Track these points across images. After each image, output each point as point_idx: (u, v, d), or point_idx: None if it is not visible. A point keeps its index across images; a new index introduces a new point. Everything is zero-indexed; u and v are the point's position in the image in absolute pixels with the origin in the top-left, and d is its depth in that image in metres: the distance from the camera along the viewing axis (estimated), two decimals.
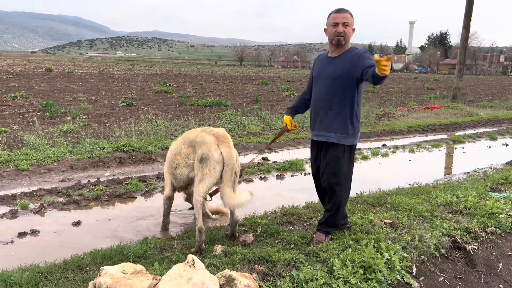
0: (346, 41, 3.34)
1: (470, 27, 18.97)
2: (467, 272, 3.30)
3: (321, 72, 3.46)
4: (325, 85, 3.40)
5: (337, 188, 3.42)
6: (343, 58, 3.35)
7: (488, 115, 14.94)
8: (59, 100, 14.50)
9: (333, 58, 3.41)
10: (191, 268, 2.41)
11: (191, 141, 3.59)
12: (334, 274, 2.81)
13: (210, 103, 14.79)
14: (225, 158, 3.38)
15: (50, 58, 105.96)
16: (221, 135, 3.50)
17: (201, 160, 3.41)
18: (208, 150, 3.38)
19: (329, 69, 3.38)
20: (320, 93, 3.46)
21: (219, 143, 3.42)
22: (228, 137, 3.53)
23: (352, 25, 3.34)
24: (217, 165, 3.37)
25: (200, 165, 3.41)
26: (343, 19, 3.29)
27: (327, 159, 3.42)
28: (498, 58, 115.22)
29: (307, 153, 7.88)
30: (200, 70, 53.64)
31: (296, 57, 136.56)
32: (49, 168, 6.10)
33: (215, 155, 3.37)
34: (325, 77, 3.40)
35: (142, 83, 26.36)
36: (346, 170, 3.43)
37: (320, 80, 3.47)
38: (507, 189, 5.17)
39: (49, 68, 38.09)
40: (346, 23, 3.29)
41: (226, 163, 3.37)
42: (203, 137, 3.46)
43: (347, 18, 3.30)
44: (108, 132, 8.79)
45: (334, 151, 3.38)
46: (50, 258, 3.30)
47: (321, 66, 3.49)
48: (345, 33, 3.29)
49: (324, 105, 3.41)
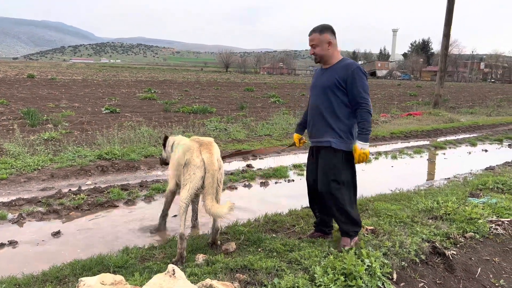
0: (322, 58, 3.50)
1: (450, 35, 19.40)
2: (447, 277, 3.35)
3: (315, 83, 3.64)
4: (318, 95, 3.56)
5: (337, 193, 3.43)
6: (334, 69, 3.48)
7: (469, 122, 15.24)
8: (41, 107, 14.28)
9: (325, 70, 3.56)
10: (172, 278, 2.39)
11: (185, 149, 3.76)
12: (316, 281, 2.82)
13: (195, 110, 14.76)
14: (206, 164, 3.40)
15: (33, 64, 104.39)
16: (205, 142, 3.55)
17: (184, 165, 3.48)
18: (190, 156, 3.45)
19: (321, 80, 3.54)
20: (313, 102, 3.62)
21: (202, 149, 3.46)
22: (212, 144, 3.55)
23: (322, 42, 3.45)
24: (197, 170, 3.40)
25: (183, 170, 3.49)
26: (310, 41, 3.49)
27: (323, 165, 3.49)
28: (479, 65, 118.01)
29: (291, 160, 7.93)
30: (185, 77, 53.53)
31: (281, 63, 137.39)
32: (29, 177, 5.99)
33: (196, 160, 3.42)
34: (318, 87, 3.56)
35: (126, 89, 26.16)
36: (344, 175, 3.45)
37: (314, 90, 3.64)
38: (485, 194, 5.27)
39: (31, 74, 37.51)
40: (313, 45, 3.47)
41: (207, 168, 3.39)
42: (189, 145, 3.56)
43: (313, 39, 3.47)
44: (91, 140, 8.69)
45: (332, 155, 3.44)
46: (28, 269, 3.24)
47: (316, 78, 3.67)
48: (316, 53, 3.49)
49: (318, 112, 3.54)
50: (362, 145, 3.29)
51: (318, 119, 3.54)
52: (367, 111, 3.32)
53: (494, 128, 14.21)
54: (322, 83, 3.52)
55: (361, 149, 3.28)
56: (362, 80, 3.38)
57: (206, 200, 3.33)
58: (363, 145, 3.29)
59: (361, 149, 3.28)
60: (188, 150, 3.48)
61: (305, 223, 4.27)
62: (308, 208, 4.86)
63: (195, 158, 3.43)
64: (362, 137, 3.31)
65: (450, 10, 18.61)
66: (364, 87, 3.37)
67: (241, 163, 7.62)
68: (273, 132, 10.76)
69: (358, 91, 3.33)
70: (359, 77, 3.36)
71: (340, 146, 3.41)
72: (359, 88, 3.33)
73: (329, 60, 3.51)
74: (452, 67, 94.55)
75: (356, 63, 3.50)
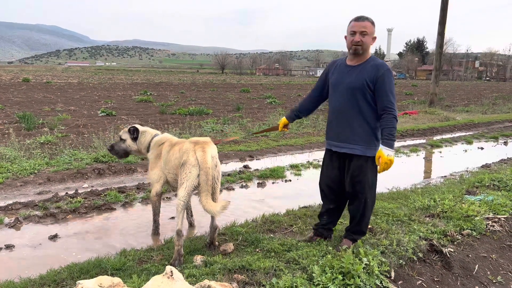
0: (364, 50, 3.26)
1: (444, 34, 19.47)
2: (444, 275, 3.36)
3: (339, 81, 3.35)
4: (343, 96, 3.31)
5: (361, 196, 3.38)
6: (363, 68, 3.25)
7: (464, 120, 15.31)
8: (37, 111, 14.23)
9: (352, 67, 3.31)
10: (170, 279, 2.39)
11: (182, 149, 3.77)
12: (314, 281, 2.82)
13: (191, 112, 14.75)
14: (200, 161, 3.46)
15: (28, 68, 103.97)
16: (201, 141, 3.61)
17: (182, 165, 3.55)
18: (187, 156, 3.52)
19: (348, 79, 3.28)
20: (338, 104, 3.37)
21: (196, 148, 3.52)
22: (207, 143, 3.60)
23: (372, 34, 3.24)
24: (192, 168, 3.46)
25: (180, 170, 3.55)
26: (361, 27, 3.19)
27: (351, 169, 3.36)
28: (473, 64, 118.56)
29: (288, 160, 7.94)
30: (181, 79, 53.48)
31: (277, 64, 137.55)
32: (25, 181, 5.97)
33: (191, 159, 3.49)
34: (344, 87, 3.30)
35: (122, 92, 26.11)
36: (370, 179, 3.37)
37: (338, 90, 3.36)
38: (482, 192, 5.30)
39: (26, 78, 37.34)
40: (364, 32, 3.19)
41: (201, 166, 3.45)
42: (186, 146, 3.62)
43: (366, 26, 3.19)
44: (87, 143, 8.67)
45: (358, 161, 3.32)
46: (25, 273, 3.23)
47: (340, 75, 3.37)
48: (363, 42, 3.21)
49: (343, 116, 3.33)
50: (388, 151, 3.06)
51: (343, 123, 3.33)
52: (394, 117, 3.14)
53: (489, 126, 14.28)
54: (350, 83, 3.26)
55: (388, 155, 3.04)
56: (392, 83, 3.21)
57: (201, 197, 3.39)
58: (389, 151, 3.07)
59: (387, 155, 3.04)
60: (185, 151, 3.55)
61: (303, 223, 4.27)
62: (305, 208, 4.88)
63: (190, 157, 3.50)
64: (388, 143, 3.10)
65: (444, 9, 18.70)
66: (393, 91, 3.19)
67: (238, 164, 7.62)
68: (270, 133, 10.77)
69: (387, 95, 3.16)
70: (389, 80, 3.19)
71: (367, 152, 3.29)
72: (388, 92, 3.16)
73: (364, 55, 3.28)
74: (447, 66, 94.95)
75: (386, 65, 3.28)
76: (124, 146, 4.33)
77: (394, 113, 3.15)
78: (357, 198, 3.41)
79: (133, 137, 4.29)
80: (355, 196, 3.42)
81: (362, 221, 3.51)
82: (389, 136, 3.11)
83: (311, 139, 9.92)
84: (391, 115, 3.14)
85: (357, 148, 3.30)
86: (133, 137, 4.29)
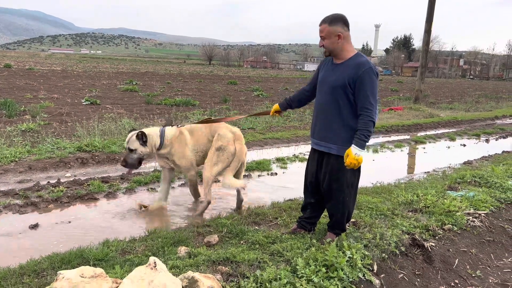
0: (333, 51, 3.23)
1: (431, 32, 19.67)
2: (425, 269, 3.42)
3: (324, 78, 3.33)
4: (326, 93, 3.29)
5: (339, 194, 3.35)
6: (346, 66, 3.20)
7: (448, 117, 15.54)
8: (18, 98, 13.89)
9: (336, 65, 3.28)
10: (153, 270, 2.37)
11: (212, 130, 4.55)
12: (298, 273, 2.83)
13: (178, 102, 14.62)
14: (237, 152, 4.42)
15: (10, 54, 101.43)
16: (238, 134, 4.54)
17: (219, 149, 4.37)
18: (227, 144, 4.38)
19: (331, 77, 3.26)
20: (320, 101, 3.36)
21: (235, 139, 4.45)
22: (242, 137, 4.59)
23: (332, 35, 3.17)
24: (231, 156, 4.39)
25: (217, 152, 4.37)
26: (320, 32, 3.21)
27: (330, 167, 3.33)
28: (458, 62, 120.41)
29: (274, 153, 7.95)
30: (168, 69, 52.93)
31: (265, 57, 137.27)
32: (5, 169, 5.84)
33: (231, 149, 4.39)
34: (327, 85, 3.28)
35: (107, 81, 25.71)
36: (349, 178, 3.33)
37: (322, 87, 3.35)
38: (463, 188, 5.39)
39: (8, 64, 36.40)
40: (322, 37, 3.21)
41: (237, 155, 4.42)
42: (225, 133, 4.45)
43: (321, 31, 3.20)
44: (70, 132, 8.52)
45: (337, 160, 3.27)
46: (4, 263, 3.15)
47: (326, 72, 3.35)
48: (325, 46, 3.21)
49: (323, 114, 3.32)
50: (357, 151, 3.04)
51: (323, 121, 3.33)
52: (370, 120, 3.08)
53: (472, 124, 14.53)
54: (332, 82, 3.23)
55: (355, 154, 3.03)
56: (373, 84, 3.11)
57: (226, 174, 4.36)
58: (358, 151, 3.04)
59: (355, 154, 3.03)
60: (226, 139, 4.40)
61: (288, 215, 4.28)
62: (290, 201, 4.90)
63: (230, 147, 4.39)
64: (359, 143, 3.06)
65: (432, 6, 18.85)
66: (374, 92, 3.11)
67: None
68: (257, 125, 10.75)
69: (366, 95, 3.08)
70: (370, 80, 3.10)
71: (342, 152, 3.19)
72: (368, 92, 3.08)
73: (340, 54, 3.23)
74: (432, 63, 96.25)
75: (369, 63, 3.18)
76: (137, 155, 4.41)
77: (371, 115, 3.09)
78: (334, 196, 3.38)
79: (143, 142, 4.37)
80: (330, 194, 3.39)
81: (341, 220, 3.50)
82: (361, 136, 3.08)
83: (297, 133, 9.94)
84: (368, 117, 3.08)
85: (333, 147, 3.28)
86: (143, 142, 4.37)
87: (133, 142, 4.34)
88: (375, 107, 3.13)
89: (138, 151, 4.37)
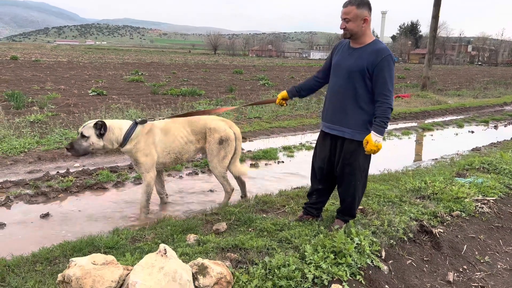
0: (355, 34, 3.16)
1: (439, 17, 19.37)
2: (433, 255, 3.43)
3: (341, 62, 3.28)
4: (342, 77, 3.25)
5: (351, 178, 3.35)
6: (363, 52, 3.17)
7: (456, 104, 15.40)
8: (26, 90, 13.99)
9: (354, 49, 3.23)
10: (163, 257, 2.40)
11: (199, 128, 4.33)
12: (306, 259, 2.85)
13: (184, 92, 14.61)
14: (237, 135, 4.46)
15: (16, 46, 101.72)
16: (227, 120, 4.52)
17: (221, 141, 4.32)
18: (225, 133, 4.33)
19: (348, 61, 3.22)
20: (336, 85, 3.31)
21: (229, 125, 4.43)
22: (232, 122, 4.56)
23: (360, 17, 3.09)
24: (233, 142, 4.40)
25: (220, 146, 4.32)
26: (343, 14, 3.14)
27: (343, 152, 3.32)
28: (466, 48, 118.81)
29: (281, 142, 7.95)
30: (173, 59, 52.82)
31: (270, 46, 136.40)
32: (15, 160, 5.90)
33: (231, 136, 4.38)
34: (344, 69, 3.24)
35: (113, 72, 25.74)
36: (361, 162, 3.34)
37: (338, 71, 3.30)
38: (472, 174, 5.36)
39: (14, 56, 36.54)
40: (346, 19, 3.12)
41: (238, 138, 4.47)
42: (217, 124, 4.36)
43: (347, 13, 3.11)
44: (78, 122, 8.56)
45: (351, 145, 3.28)
46: (17, 251, 3.21)
47: (342, 56, 3.30)
48: (347, 28, 3.13)
49: (338, 97, 3.28)
50: (376, 138, 3.06)
51: (338, 105, 3.28)
52: (389, 107, 3.09)
53: (480, 110, 14.39)
54: (349, 66, 3.19)
55: (375, 141, 3.04)
56: (391, 71, 3.11)
57: (236, 162, 4.52)
58: (377, 137, 3.06)
59: (375, 141, 3.04)
60: (221, 129, 4.32)
61: (295, 203, 4.30)
62: (298, 189, 4.91)
63: (230, 135, 4.36)
64: (378, 129, 3.08)
65: None
66: (392, 79, 3.11)
67: None
68: (263, 114, 10.74)
69: (385, 82, 3.08)
70: (389, 67, 3.10)
71: (356, 136, 3.24)
72: (386, 80, 3.08)
73: (361, 38, 3.17)
74: (440, 50, 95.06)
75: (388, 50, 3.16)
76: (86, 144, 3.86)
77: (389, 101, 3.10)
78: (346, 180, 3.38)
79: (99, 134, 3.87)
80: (343, 178, 3.40)
81: (351, 204, 3.50)
82: (380, 123, 3.09)
83: (304, 121, 9.92)
84: (387, 104, 3.09)
85: (347, 131, 3.26)
86: (99, 134, 3.87)
87: (89, 129, 3.85)
88: (392, 94, 3.13)
89: (89, 141, 3.85)
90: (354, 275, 2.80)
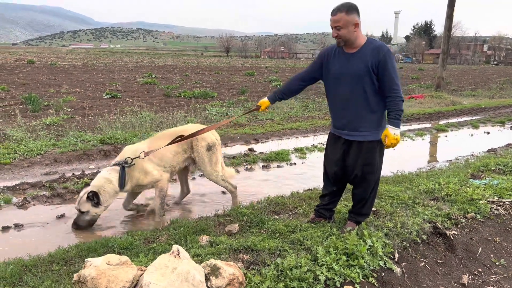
0: (348, 40, 3.17)
1: (453, 17, 19.13)
2: (447, 257, 3.39)
3: (343, 70, 3.25)
4: (349, 85, 3.23)
5: (371, 177, 3.40)
6: (363, 53, 3.17)
7: (471, 104, 15.18)
8: (42, 93, 14.25)
9: (351, 54, 3.22)
10: (176, 258, 2.43)
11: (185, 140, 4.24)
12: (318, 261, 2.85)
13: (196, 95, 14.71)
14: (218, 140, 4.58)
15: (32, 50, 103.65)
16: (203, 126, 4.50)
17: (209, 148, 4.40)
18: (211, 139, 4.44)
19: (351, 67, 3.21)
20: (343, 93, 3.29)
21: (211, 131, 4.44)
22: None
23: (350, 23, 3.10)
24: (220, 146, 4.59)
25: (210, 152, 4.41)
26: (334, 22, 3.14)
27: (363, 153, 3.34)
28: (482, 48, 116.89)
29: (293, 144, 7.95)
30: (185, 61, 53.19)
31: (282, 47, 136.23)
32: (32, 162, 6.03)
33: (216, 141, 4.51)
34: (349, 76, 3.22)
35: (127, 74, 26.04)
36: (378, 159, 3.40)
37: (342, 79, 3.27)
38: (487, 176, 5.29)
39: (31, 60, 37.27)
40: (337, 26, 3.13)
41: (219, 143, 4.57)
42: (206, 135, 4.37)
43: (337, 20, 3.11)
44: (93, 125, 8.70)
45: (370, 145, 3.32)
46: (34, 251, 3.28)
47: (341, 64, 3.27)
48: (340, 36, 3.14)
49: (351, 105, 3.27)
50: (394, 131, 3.12)
51: (351, 112, 3.28)
52: (400, 99, 3.15)
53: (496, 111, 14.16)
54: (354, 71, 3.18)
55: (394, 134, 3.11)
56: (394, 64, 3.15)
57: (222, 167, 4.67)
58: (395, 130, 3.12)
59: (394, 134, 3.10)
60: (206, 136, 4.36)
61: (307, 205, 4.30)
62: (310, 191, 4.91)
63: (215, 139, 4.51)
64: (395, 122, 3.14)
65: None
66: (396, 72, 3.15)
67: (243, 147, 7.63)
68: (275, 116, 10.75)
69: (391, 77, 3.12)
70: (391, 61, 3.14)
71: (375, 137, 3.30)
72: (392, 74, 3.12)
73: (354, 43, 3.18)
74: (454, 50, 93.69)
75: (385, 45, 3.21)
76: (89, 217, 3.92)
77: (399, 94, 3.17)
78: (366, 180, 3.41)
79: (95, 203, 3.88)
80: (364, 178, 3.41)
81: (368, 203, 3.53)
82: (396, 116, 3.16)
83: (316, 123, 9.90)
84: (398, 97, 3.16)
85: (369, 134, 3.30)
86: (95, 203, 3.88)
87: (84, 204, 3.85)
88: (399, 86, 3.19)
89: (90, 213, 3.90)
90: (366, 277, 2.80)
